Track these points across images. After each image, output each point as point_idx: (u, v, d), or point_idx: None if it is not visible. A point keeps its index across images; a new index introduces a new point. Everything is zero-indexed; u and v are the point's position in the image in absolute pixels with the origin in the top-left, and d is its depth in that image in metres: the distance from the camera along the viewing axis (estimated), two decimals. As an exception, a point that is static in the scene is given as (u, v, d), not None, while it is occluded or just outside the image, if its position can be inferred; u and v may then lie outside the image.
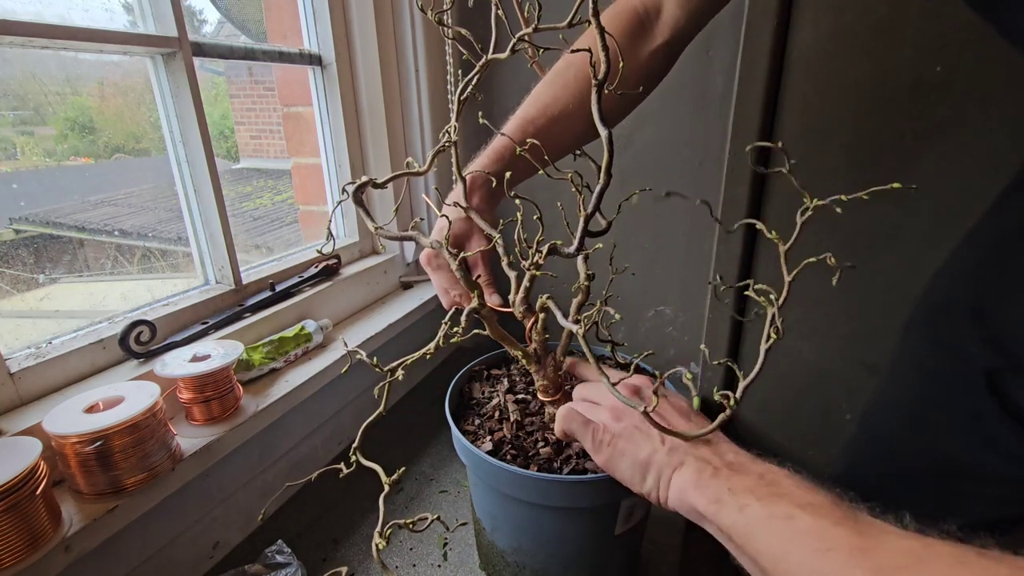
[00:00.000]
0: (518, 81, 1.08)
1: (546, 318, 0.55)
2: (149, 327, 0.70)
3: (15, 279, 0.77)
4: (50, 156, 0.80)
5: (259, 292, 0.87)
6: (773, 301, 0.44)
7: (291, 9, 0.98)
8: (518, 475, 0.54)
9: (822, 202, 0.48)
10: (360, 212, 0.50)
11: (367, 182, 0.54)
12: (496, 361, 0.76)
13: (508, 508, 0.61)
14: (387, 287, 1.12)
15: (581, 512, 0.58)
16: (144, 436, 0.56)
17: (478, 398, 0.68)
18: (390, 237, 0.54)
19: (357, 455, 0.44)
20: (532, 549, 0.61)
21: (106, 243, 1.05)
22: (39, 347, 0.64)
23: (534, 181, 0.58)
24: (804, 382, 1.10)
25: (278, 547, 0.69)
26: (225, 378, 0.67)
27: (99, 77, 0.84)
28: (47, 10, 0.66)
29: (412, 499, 0.85)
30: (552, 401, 0.60)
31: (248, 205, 1.38)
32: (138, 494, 0.56)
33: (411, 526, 0.39)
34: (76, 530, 0.51)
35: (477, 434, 0.61)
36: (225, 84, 1.22)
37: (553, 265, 0.53)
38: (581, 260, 0.51)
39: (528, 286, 0.54)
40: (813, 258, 0.48)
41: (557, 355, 0.59)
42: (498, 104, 1.12)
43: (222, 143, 1.22)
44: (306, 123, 1.07)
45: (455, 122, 0.51)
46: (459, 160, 0.54)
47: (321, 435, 0.90)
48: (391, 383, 0.48)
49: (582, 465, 0.56)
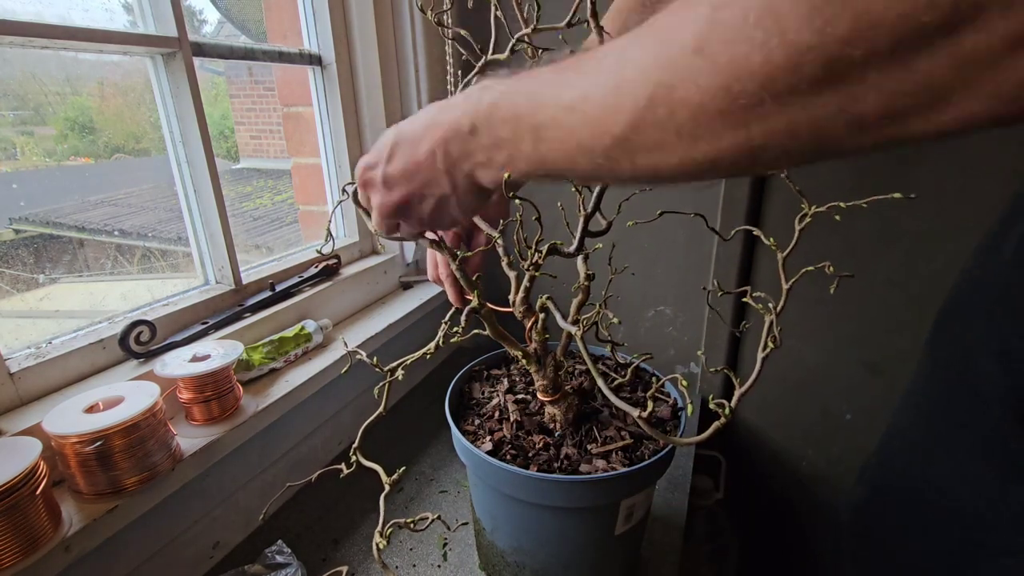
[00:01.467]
0: (518, 81, 1.08)
1: (546, 318, 0.55)
2: (149, 327, 0.70)
3: (15, 279, 0.77)
4: (50, 156, 0.80)
5: (259, 292, 0.87)
6: (771, 309, 0.43)
7: (291, 9, 0.98)
8: (518, 475, 0.54)
9: (820, 209, 0.48)
10: (360, 212, 0.50)
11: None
12: (496, 361, 0.76)
13: (508, 508, 0.61)
14: (387, 287, 1.12)
15: (581, 512, 0.58)
16: (144, 436, 0.56)
17: (478, 398, 0.68)
18: (391, 237, 0.54)
19: (357, 455, 0.44)
20: (532, 549, 0.61)
21: (106, 243, 1.05)
22: (39, 347, 0.64)
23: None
24: (804, 382, 1.10)
25: (278, 547, 0.69)
26: (225, 378, 0.67)
27: (99, 77, 0.84)
28: (47, 10, 0.66)
29: (412, 499, 0.85)
30: (552, 401, 0.60)
31: (248, 205, 1.38)
32: (138, 494, 0.56)
33: (412, 525, 0.39)
34: (76, 530, 0.51)
35: (477, 434, 0.61)
36: (225, 84, 1.22)
37: (553, 265, 0.53)
38: (581, 260, 0.51)
39: (528, 286, 0.54)
40: (811, 267, 0.47)
41: (557, 355, 0.59)
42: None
43: (222, 143, 1.22)
44: (306, 123, 1.07)
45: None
46: None
47: (321, 435, 0.90)
48: (391, 383, 0.48)
49: (582, 465, 0.56)
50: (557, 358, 0.59)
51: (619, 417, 0.63)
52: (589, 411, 0.64)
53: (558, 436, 0.60)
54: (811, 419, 1.13)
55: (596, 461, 0.56)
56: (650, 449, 0.59)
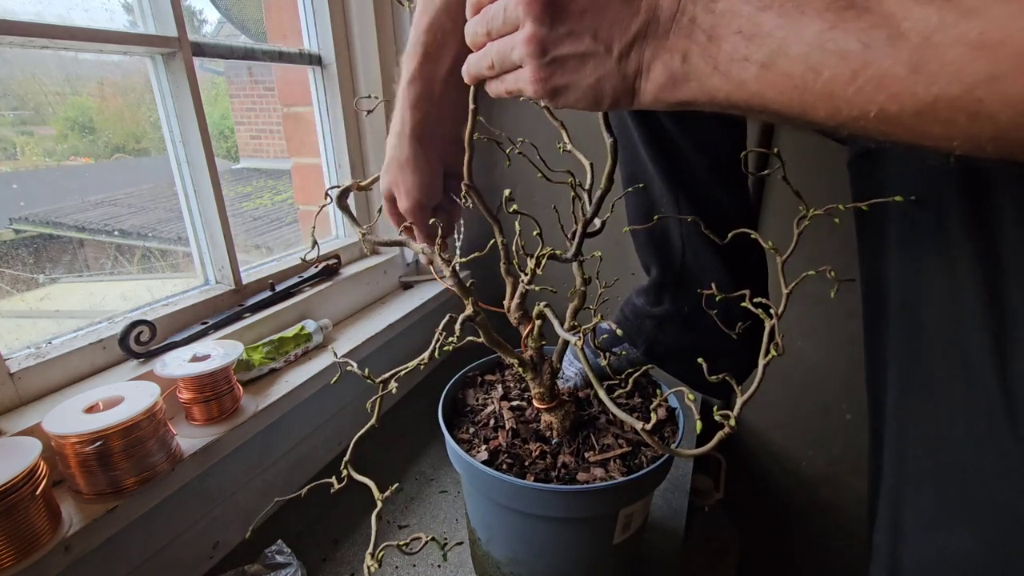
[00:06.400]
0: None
1: (542, 324, 0.54)
2: (149, 327, 0.70)
3: (15, 279, 0.77)
4: (50, 156, 0.80)
5: (259, 292, 0.87)
6: (772, 314, 0.42)
7: (291, 9, 0.98)
8: (515, 485, 0.53)
9: (818, 211, 0.48)
10: (346, 218, 0.50)
11: (351, 186, 0.53)
12: (490, 366, 0.74)
13: (504, 518, 0.59)
14: (387, 287, 1.12)
15: (580, 522, 0.57)
16: (144, 436, 0.56)
17: (472, 405, 0.66)
18: (379, 243, 0.54)
19: (348, 469, 0.43)
20: (529, 560, 0.60)
21: (106, 243, 1.05)
22: (39, 347, 0.64)
23: (532, 184, 0.58)
24: (804, 381, 1.10)
25: (278, 547, 0.69)
26: (225, 378, 0.67)
27: (99, 77, 0.84)
28: (47, 10, 0.66)
29: (412, 499, 0.85)
30: (548, 408, 0.59)
31: (248, 205, 1.38)
32: (138, 494, 0.56)
33: (405, 548, 0.38)
34: (76, 530, 0.51)
35: (472, 443, 0.60)
36: (225, 84, 1.22)
37: (550, 268, 0.53)
38: (576, 265, 0.50)
39: (524, 292, 0.54)
40: (812, 272, 0.47)
41: (554, 362, 0.58)
42: (496, 104, 1.12)
43: (222, 143, 1.22)
44: (306, 123, 1.07)
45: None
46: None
47: (321, 435, 0.90)
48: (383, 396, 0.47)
49: (579, 474, 0.55)
50: (554, 365, 0.58)
51: (616, 424, 0.62)
52: (586, 418, 0.63)
53: (555, 444, 0.59)
54: (811, 419, 1.13)
55: (594, 469, 0.55)
56: (648, 456, 0.58)
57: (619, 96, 0.35)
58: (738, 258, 0.67)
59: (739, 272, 0.68)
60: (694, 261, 0.68)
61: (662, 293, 0.72)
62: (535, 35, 0.34)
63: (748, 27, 0.29)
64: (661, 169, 0.64)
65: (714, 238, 0.56)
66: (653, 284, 0.72)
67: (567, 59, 0.34)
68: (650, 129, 0.63)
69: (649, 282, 0.73)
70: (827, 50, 0.27)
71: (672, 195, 0.65)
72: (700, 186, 0.65)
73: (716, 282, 0.54)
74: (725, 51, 0.30)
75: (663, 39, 0.32)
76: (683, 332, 0.71)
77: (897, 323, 0.48)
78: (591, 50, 0.34)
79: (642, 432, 0.37)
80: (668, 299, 0.71)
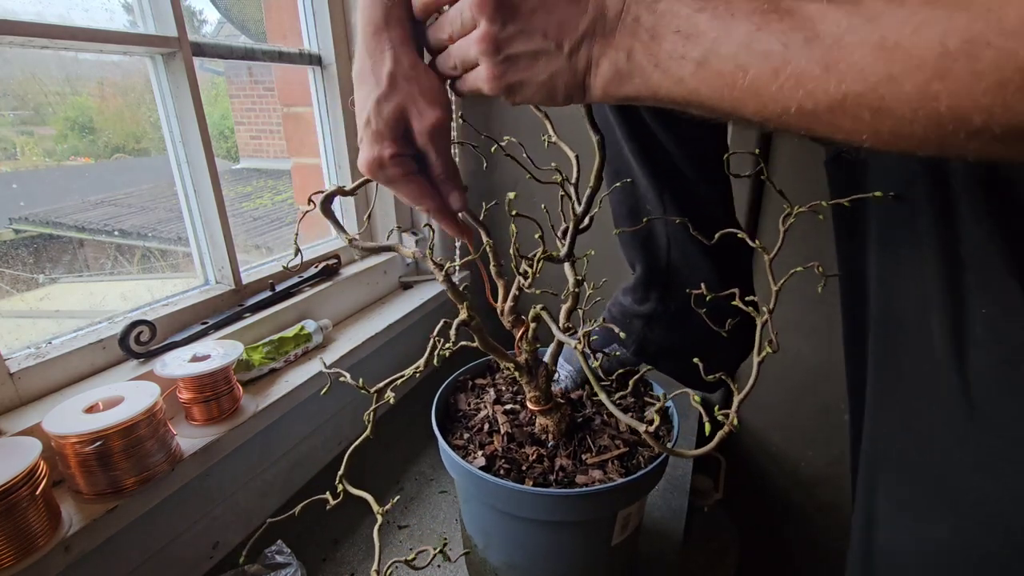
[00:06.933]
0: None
1: (536, 327, 0.54)
2: (149, 327, 0.70)
3: (15, 279, 0.77)
4: (50, 156, 0.80)
5: (259, 292, 0.87)
6: (763, 311, 0.42)
7: (291, 9, 0.98)
8: (515, 491, 0.52)
9: (803, 208, 0.48)
10: (332, 224, 0.50)
11: (335, 191, 0.53)
12: (480, 370, 0.74)
13: (502, 524, 0.59)
14: (387, 287, 1.12)
15: (579, 525, 0.56)
16: (144, 436, 0.56)
17: (464, 410, 0.66)
18: (368, 249, 0.53)
19: (344, 483, 0.43)
20: (525, 564, 0.60)
21: (106, 243, 1.05)
22: (39, 347, 0.64)
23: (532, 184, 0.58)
24: (804, 382, 1.10)
25: (278, 547, 0.69)
26: (225, 378, 0.67)
27: (99, 77, 0.84)
28: (47, 10, 0.66)
29: (412, 499, 0.85)
30: (544, 411, 0.59)
31: (248, 205, 1.38)
32: (138, 494, 0.56)
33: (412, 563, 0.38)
34: (76, 530, 0.51)
35: (467, 448, 0.59)
36: (225, 84, 1.22)
37: (545, 268, 0.52)
38: (568, 265, 0.50)
39: (517, 294, 0.53)
40: (800, 268, 0.47)
41: (549, 365, 0.58)
42: (496, 104, 1.12)
43: (222, 143, 1.22)
44: (306, 123, 1.07)
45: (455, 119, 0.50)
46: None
47: (321, 435, 0.90)
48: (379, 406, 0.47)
49: (578, 476, 0.55)
50: (550, 368, 0.57)
51: (612, 424, 0.62)
52: (580, 420, 0.63)
53: (551, 447, 0.59)
54: (811, 419, 1.13)
55: (592, 471, 0.55)
56: (645, 456, 0.58)
57: (571, 91, 0.37)
58: (724, 254, 0.67)
59: (725, 268, 0.68)
60: (680, 257, 0.68)
61: (648, 290, 0.72)
62: (488, 34, 0.36)
63: (686, 27, 0.31)
64: (645, 166, 0.65)
65: (700, 237, 0.57)
66: (639, 281, 0.73)
67: (520, 57, 0.36)
68: (633, 126, 0.63)
69: (635, 279, 0.73)
70: (753, 50, 0.29)
71: (656, 192, 0.65)
72: (684, 182, 0.65)
73: (702, 278, 0.55)
74: (665, 49, 0.32)
75: (610, 37, 0.34)
76: (672, 330, 0.71)
77: (876, 315, 0.49)
78: (543, 47, 0.35)
79: (645, 434, 0.37)
80: (655, 296, 0.71)
